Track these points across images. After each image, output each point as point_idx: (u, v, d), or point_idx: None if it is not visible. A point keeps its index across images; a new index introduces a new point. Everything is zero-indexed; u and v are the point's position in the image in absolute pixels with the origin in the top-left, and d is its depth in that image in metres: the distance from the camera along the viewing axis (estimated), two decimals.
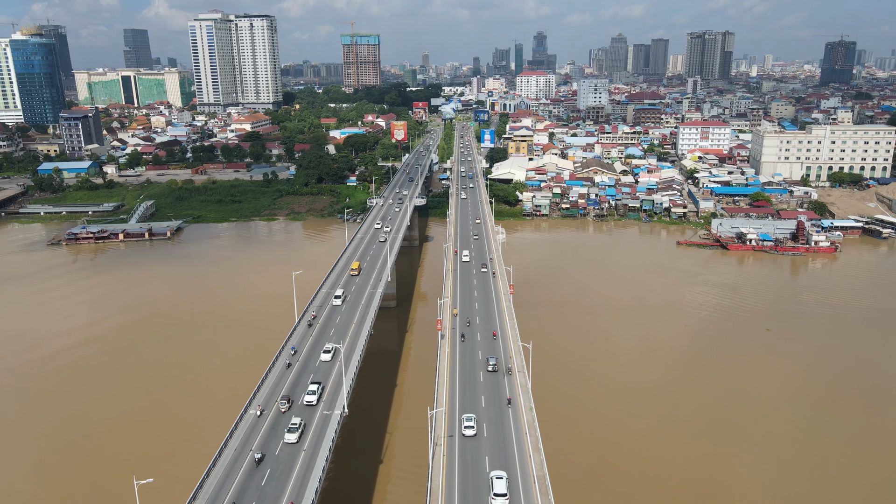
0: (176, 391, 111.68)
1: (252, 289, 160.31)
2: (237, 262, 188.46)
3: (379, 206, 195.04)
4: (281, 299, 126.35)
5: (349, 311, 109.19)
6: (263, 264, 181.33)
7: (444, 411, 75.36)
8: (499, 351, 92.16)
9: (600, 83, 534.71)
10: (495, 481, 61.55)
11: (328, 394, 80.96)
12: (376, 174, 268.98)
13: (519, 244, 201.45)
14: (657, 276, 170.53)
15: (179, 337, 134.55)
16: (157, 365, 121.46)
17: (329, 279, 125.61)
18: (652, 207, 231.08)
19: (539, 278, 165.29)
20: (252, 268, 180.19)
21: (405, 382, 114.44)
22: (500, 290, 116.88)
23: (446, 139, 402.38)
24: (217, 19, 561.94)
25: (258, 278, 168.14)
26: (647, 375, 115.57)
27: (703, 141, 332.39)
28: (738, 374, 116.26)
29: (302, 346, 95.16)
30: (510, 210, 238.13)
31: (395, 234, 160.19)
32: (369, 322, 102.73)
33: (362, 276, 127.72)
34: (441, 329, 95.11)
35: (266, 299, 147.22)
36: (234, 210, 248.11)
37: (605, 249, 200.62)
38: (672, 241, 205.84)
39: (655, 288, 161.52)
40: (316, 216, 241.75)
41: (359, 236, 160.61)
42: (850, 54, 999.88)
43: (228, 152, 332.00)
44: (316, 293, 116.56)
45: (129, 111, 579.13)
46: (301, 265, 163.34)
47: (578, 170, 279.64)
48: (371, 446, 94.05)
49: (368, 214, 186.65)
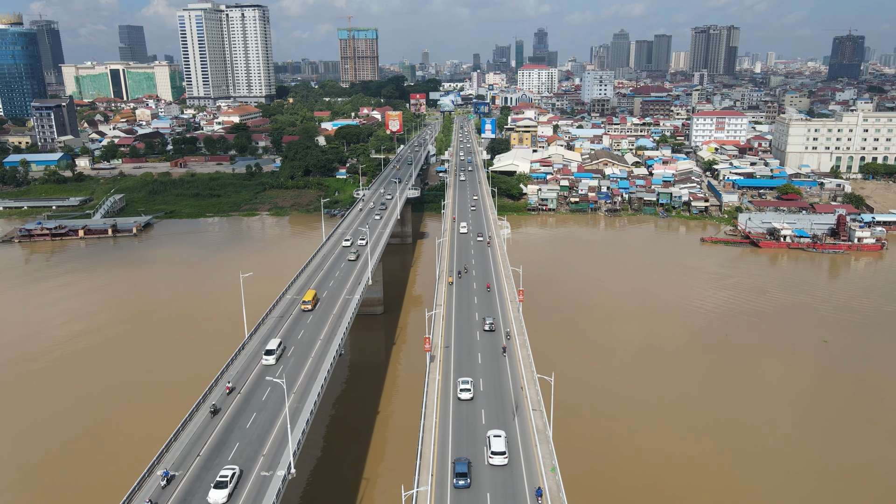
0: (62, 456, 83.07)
1: (201, 304, 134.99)
2: (197, 267, 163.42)
3: (366, 198, 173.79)
4: (232, 320, 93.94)
5: (298, 362, 74.67)
6: (226, 269, 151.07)
7: (429, 482, 53.74)
8: (507, 392, 70.12)
9: (605, 75, 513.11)
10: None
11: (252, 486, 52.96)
12: (367, 165, 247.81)
13: (524, 241, 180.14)
14: (682, 278, 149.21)
15: (90, 366, 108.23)
16: (54, 418, 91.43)
17: (275, 311, 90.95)
18: (669, 201, 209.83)
19: (548, 280, 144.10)
20: (211, 273, 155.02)
21: (389, 414, 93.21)
22: (508, 307, 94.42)
23: (445, 131, 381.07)
24: (207, 9, 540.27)
25: (215, 288, 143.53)
26: (685, 399, 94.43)
27: (719, 132, 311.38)
28: (802, 398, 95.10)
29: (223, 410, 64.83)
30: (514, 204, 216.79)
31: (383, 228, 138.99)
32: (329, 363, 72.09)
33: (324, 304, 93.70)
34: (430, 349, 73.67)
35: (214, 320, 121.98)
36: (211, 205, 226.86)
37: (621, 247, 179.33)
38: (694, 238, 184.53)
39: (681, 291, 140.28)
40: (301, 211, 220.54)
41: (336, 237, 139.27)
42: (858, 49, 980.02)
43: (212, 144, 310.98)
44: (240, 350, 77.61)
45: (116, 105, 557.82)
46: (268, 270, 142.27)
47: (587, 161, 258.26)
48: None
49: (353, 208, 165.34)
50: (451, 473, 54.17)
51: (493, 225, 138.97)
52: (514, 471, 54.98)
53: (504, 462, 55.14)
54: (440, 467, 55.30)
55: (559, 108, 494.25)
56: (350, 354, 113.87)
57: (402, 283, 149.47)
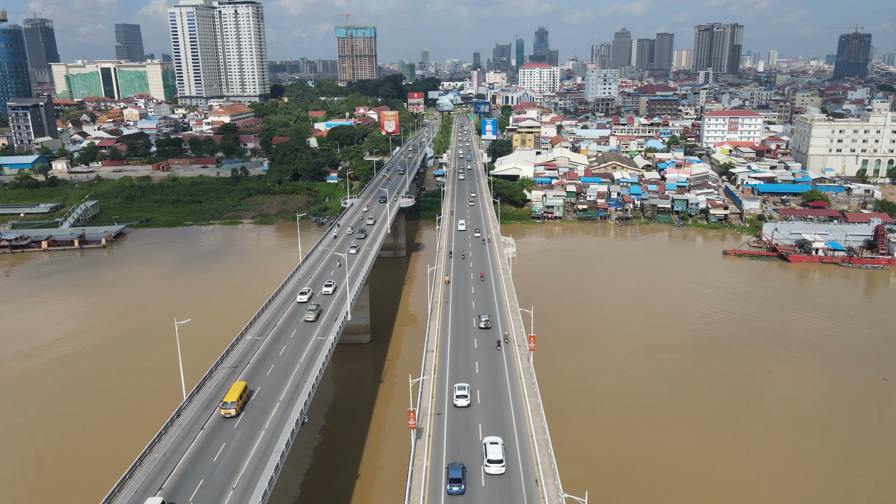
0: None
1: (141, 354, 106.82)
2: (153, 296, 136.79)
3: (354, 208, 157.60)
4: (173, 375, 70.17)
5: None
6: (188, 300, 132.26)
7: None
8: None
9: (610, 73, 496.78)
10: None
11: None
12: (359, 169, 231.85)
13: (529, 253, 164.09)
14: (708, 300, 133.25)
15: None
16: None
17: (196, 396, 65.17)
18: (685, 209, 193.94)
19: (555, 300, 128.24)
20: (167, 305, 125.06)
21: (372, 481, 77.25)
22: (517, 369, 71.35)
23: (443, 132, 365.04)
24: (199, 6, 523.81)
25: (163, 330, 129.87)
26: (723, 450, 78.53)
27: (731, 133, 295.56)
28: (882, 458, 79.28)
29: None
30: (517, 212, 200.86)
31: (370, 245, 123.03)
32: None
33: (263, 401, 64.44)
34: (415, 425, 56.38)
35: (152, 375, 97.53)
36: (191, 212, 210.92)
37: (635, 260, 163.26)
38: (715, 251, 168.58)
39: (709, 315, 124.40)
40: (287, 219, 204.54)
41: (315, 256, 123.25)
42: (864, 47, 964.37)
43: (197, 146, 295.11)
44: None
45: (105, 104, 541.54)
46: (241, 295, 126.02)
47: (594, 165, 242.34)
48: None
49: (340, 217, 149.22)
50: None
51: (497, 254, 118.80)
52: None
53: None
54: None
55: (562, 107, 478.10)
56: (325, 407, 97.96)
57: (393, 302, 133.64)
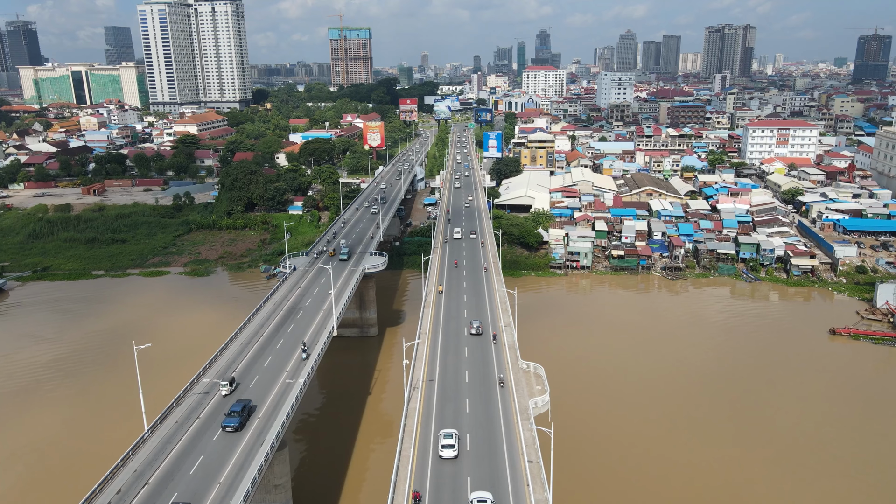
0: None
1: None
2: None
3: (301, 272, 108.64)
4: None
5: None
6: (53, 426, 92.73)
7: None
8: None
9: (625, 77, 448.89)
10: None
11: None
12: (331, 196, 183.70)
13: (548, 324, 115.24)
14: (851, 449, 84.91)
15: None
16: None
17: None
18: (756, 255, 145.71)
19: (590, 426, 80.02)
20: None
21: None
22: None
23: (439, 144, 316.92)
24: (172, 3, 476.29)
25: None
26: None
27: (780, 147, 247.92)
28: None
29: None
30: (531, 259, 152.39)
31: (294, 376, 74.64)
32: None
33: None
34: None
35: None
36: (108, 255, 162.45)
37: (702, 343, 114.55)
38: (812, 323, 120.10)
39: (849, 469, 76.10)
40: (230, 267, 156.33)
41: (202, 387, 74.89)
42: (884, 49, 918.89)
43: (144, 164, 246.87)
44: None
45: (71, 110, 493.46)
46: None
47: (624, 191, 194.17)
48: None
49: (274, 291, 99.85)
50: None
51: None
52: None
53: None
54: None
55: (572, 114, 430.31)
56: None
57: (352, 421, 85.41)
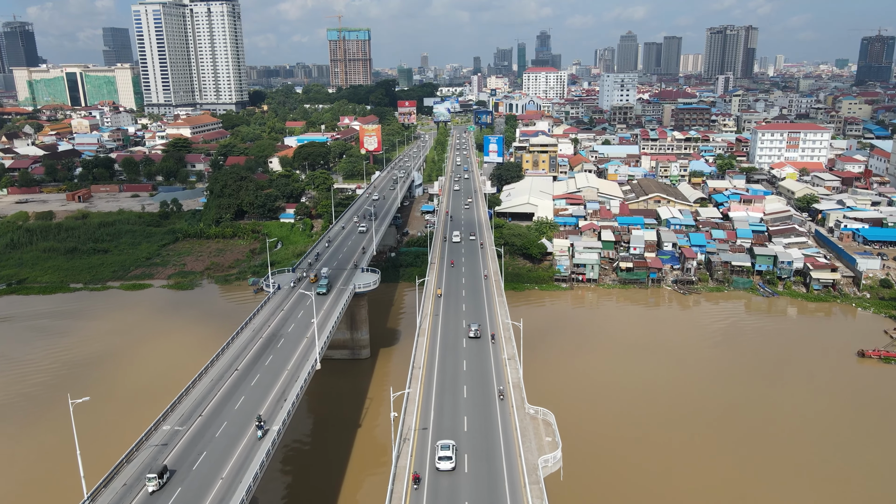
0: None
1: None
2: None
3: (285, 293, 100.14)
4: None
5: None
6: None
7: None
8: None
9: (627, 78, 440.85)
10: None
11: None
12: (324, 204, 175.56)
13: (552, 353, 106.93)
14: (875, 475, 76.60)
15: None
16: None
17: None
18: (772, 267, 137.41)
19: (607, 481, 71.70)
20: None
21: None
22: None
23: (438, 148, 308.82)
24: (167, 3, 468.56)
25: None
26: None
27: (791, 150, 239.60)
28: None
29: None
30: (534, 271, 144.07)
31: (266, 431, 66.30)
32: None
33: None
34: None
35: None
36: (89, 267, 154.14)
37: (724, 371, 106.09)
38: (836, 343, 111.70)
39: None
40: (217, 279, 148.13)
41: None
42: (888, 50, 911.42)
43: (133, 168, 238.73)
44: None
45: (64, 112, 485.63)
46: None
47: (630, 198, 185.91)
48: None
49: (244, 325, 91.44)
50: None
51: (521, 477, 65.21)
52: None
53: None
54: None
55: (574, 116, 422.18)
56: None
57: (344, 443, 76.95)
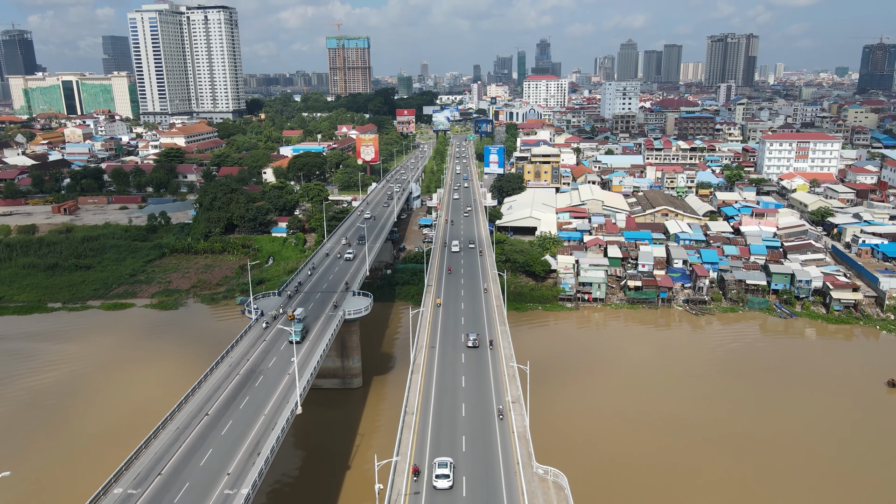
0: None
1: None
2: None
3: (268, 320, 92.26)
4: None
5: None
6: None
7: None
8: None
9: (630, 86, 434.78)
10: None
11: None
12: (318, 217, 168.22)
13: (560, 391, 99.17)
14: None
15: None
16: None
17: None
18: (790, 286, 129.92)
19: None
20: None
21: None
22: None
23: (437, 157, 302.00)
24: (163, 10, 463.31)
25: None
26: None
27: (800, 161, 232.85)
28: None
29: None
30: (537, 290, 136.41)
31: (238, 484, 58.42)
32: None
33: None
34: None
35: None
36: (68, 285, 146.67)
37: (741, 399, 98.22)
38: (862, 370, 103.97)
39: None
40: (203, 298, 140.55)
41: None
42: (890, 58, 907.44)
43: (123, 179, 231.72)
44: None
45: (59, 121, 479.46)
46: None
47: (637, 211, 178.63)
48: None
49: (220, 361, 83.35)
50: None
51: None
52: None
53: None
54: None
55: (575, 125, 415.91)
56: None
57: (335, 478, 69.23)
